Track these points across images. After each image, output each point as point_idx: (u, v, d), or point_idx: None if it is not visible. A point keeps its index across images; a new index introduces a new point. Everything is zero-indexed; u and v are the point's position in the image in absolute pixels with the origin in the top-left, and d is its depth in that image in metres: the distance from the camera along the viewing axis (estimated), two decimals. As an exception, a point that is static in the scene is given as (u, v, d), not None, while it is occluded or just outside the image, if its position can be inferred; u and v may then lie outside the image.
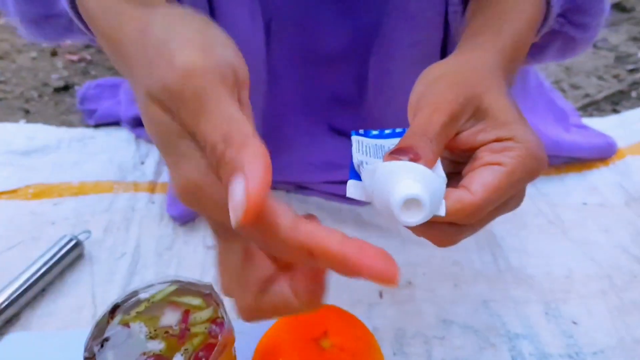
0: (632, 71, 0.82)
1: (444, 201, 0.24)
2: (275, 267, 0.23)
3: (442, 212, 0.24)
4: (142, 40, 0.22)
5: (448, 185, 0.25)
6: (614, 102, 0.75)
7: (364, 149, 0.29)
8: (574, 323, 0.43)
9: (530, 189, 0.28)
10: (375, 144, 0.30)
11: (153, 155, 0.65)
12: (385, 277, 0.18)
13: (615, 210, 0.54)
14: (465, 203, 0.24)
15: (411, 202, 0.20)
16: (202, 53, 0.20)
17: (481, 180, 0.25)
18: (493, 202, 0.25)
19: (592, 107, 0.75)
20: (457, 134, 0.27)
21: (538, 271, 0.48)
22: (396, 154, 0.24)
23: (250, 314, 0.23)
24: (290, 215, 0.20)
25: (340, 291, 0.45)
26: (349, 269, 0.19)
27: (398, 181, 0.21)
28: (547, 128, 0.59)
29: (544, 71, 0.83)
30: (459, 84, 0.27)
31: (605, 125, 0.66)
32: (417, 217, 0.19)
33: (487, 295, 0.46)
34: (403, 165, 0.22)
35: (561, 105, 0.65)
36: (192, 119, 0.19)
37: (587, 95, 0.77)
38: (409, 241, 0.50)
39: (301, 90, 0.52)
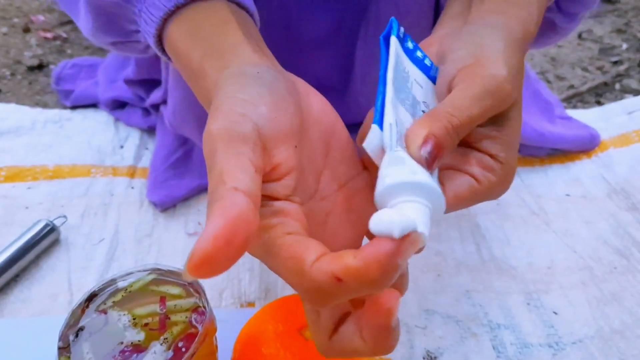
0: (616, 63, 0.82)
1: None
2: (349, 305, 0.23)
3: None
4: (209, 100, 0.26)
5: None
6: (598, 94, 0.76)
7: (397, 72, 0.26)
8: (555, 313, 0.43)
9: (514, 181, 0.28)
10: (404, 70, 0.27)
11: (133, 138, 0.63)
12: (411, 249, 0.19)
13: (597, 202, 0.55)
14: None
15: None
16: (227, 121, 0.22)
17: (458, 190, 0.26)
18: (455, 209, 0.26)
19: (576, 98, 0.75)
20: None
21: (520, 262, 0.48)
22: (424, 147, 0.23)
23: (327, 354, 0.24)
24: (316, 250, 0.20)
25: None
26: (379, 275, 0.18)
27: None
28: (531, 119, 0.59)
29: (530, 62, 0.83)
30: (514, 80, 0.26)
31: (588, 117, 0.66)
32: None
33: (469, 286, 0.46)
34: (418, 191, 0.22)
35: (546, 97, 0.65)
36: (208, 173, 0.21)
37: (571, 87, 0.77)
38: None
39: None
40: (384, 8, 0.44)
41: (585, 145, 0.61)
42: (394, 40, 0.27)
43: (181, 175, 0.55)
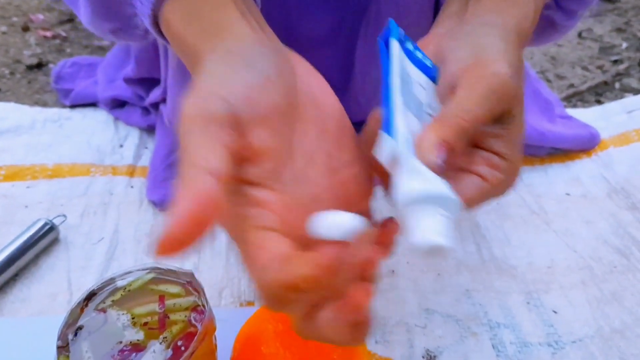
0: (616, 62, 0.82)
1: None
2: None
3: None
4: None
5: None
6: (598, 93, 0.76)
7: (401, 77, 0.26)
8: (555, 312, 0.43)
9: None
10: (407, 73, 0.27)
11: (132, 138, 0.63)
12: (357, 250, 0.19)
13: (597, 202, 0.55)
14: None
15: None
16: (201, 100, 0.22)
17: (468, 191, 0.26)
18: (467, 211, 0.26)
19: (576, 97, 0.75)
20: None
21: (520, 262, 0.48)
22: (438, 154, 0.23)
23: (302, 336, 0.24)
24: (280, 253, 0.20)
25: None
26: (331, 279, 0.19)
27: (427, 226, 0.22)
28: (531, 118, 0.59)
29: (530, 61, 0.83)
30: (517, 75, 0.26)
31: (588, 116, 0.66)
32: (437, 257, 0.21)
33: (469, 285, 0.46)
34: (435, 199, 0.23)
35: (546, 96, 0.65)
36: (182, 153, 0.21)
37: (571, 86, 0.77)
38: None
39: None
40: (384, 7, 0.44)
41: (585, 145, 0.61)
42: (395, 44, 0.26)
43: (181, 175, 0.55)
